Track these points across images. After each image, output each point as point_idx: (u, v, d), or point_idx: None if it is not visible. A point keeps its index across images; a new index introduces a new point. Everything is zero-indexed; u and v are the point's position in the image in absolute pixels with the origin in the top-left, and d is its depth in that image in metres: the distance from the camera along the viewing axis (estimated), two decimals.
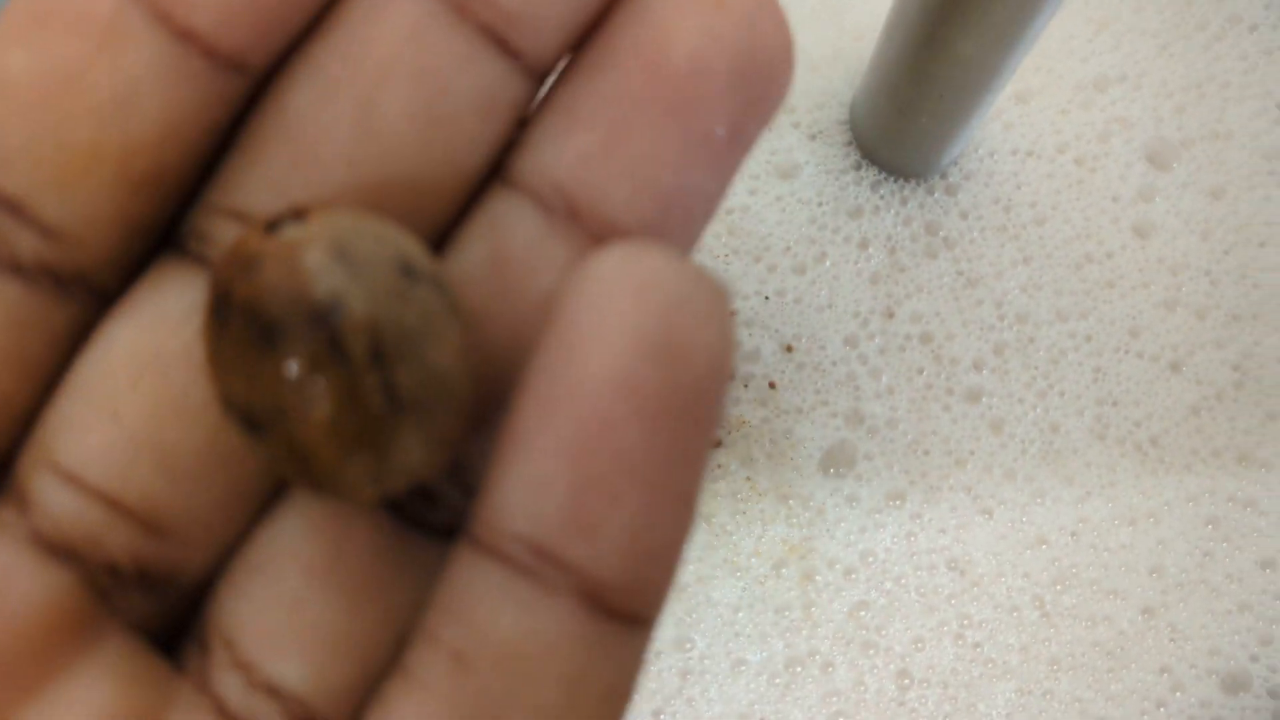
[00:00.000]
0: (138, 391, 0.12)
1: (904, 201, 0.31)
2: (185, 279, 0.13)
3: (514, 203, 0.13)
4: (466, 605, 0.12)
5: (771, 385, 0.31)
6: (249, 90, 0.12)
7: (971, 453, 0.30)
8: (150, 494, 0.12)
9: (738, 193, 0.32)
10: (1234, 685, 0.30)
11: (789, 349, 0.31)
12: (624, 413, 0.11)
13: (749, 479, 0.30)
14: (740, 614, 0.30)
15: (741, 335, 0.31)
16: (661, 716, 0.30)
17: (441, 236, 0.13)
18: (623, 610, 0.11)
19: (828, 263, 0.31)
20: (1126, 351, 0.31)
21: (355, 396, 0.11)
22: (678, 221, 0.12)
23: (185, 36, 0.12)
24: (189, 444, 0.12)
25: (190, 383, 0.12)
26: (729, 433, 0.31)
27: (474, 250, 0.13)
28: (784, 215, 0.31)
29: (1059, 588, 0.30)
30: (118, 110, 0.12)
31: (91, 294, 0.13)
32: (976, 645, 0.30)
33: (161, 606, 0.13)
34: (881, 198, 0.31)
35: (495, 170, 0.13)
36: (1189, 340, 0.31)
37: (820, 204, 0.31)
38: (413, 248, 0.12)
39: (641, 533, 0.11)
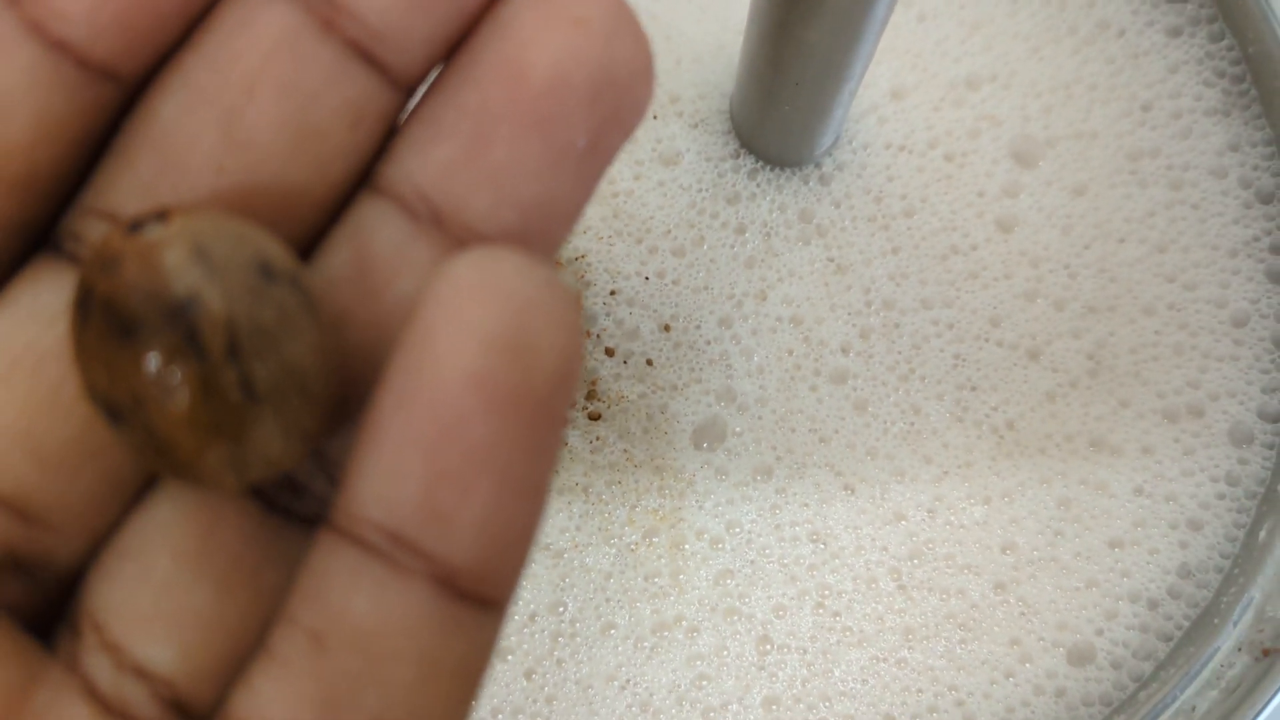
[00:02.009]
0: (10, 385, 0.13)
1: (779, 189, 0.33)
2: (59, 277, 0.13)
3: (380, 209, 0.13)
4: (325, 588, 0.12)
5: (649, 362, 0.32)
6: (121, 97, 0.13)
7: (836, 431, 0.32)
8: (23, 484, 0.13)
9: (622, 177, 0.33)
10: (1079, 658, 0.31)
11: (667, 328, 0.32)
12: (475, 407, 0.11)
13: (625, 451, 0.32)
14: (611, 580, 0.31)
15: (622, 314, 0.32)
16: (533, 676, 0.31)
17: (311, 241, 0.14)
18: (475, 594, 0.12)
19: (705, 246, 0.32)
20: (987, 339, 0.32)
21: (212, 388, 0.11)
22: (538, 228, 0.13)
23: (58, 46, 0.12)
24: (61, 435, 0.13)
25: (62, 377, 0.13)
26: (608, 406, 0.32)
27: (341, 253, 0.13)
28: (665, 200, 0.33)
29: (915, 562, 0.31)
30: None
31: None
32: (835, 614, 0.31)
33: (35, 592, 0.13)
34: (758, 185, 0.33)
35: (365, 177, 0.13)
36: (1047, 330, 0.33)
37: (700, 190, 0.33)
38: (272, 248, 0.12)
39: (492, 521, 0.12)
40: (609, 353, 0.32)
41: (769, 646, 0.31)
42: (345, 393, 0.13)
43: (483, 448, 0.11)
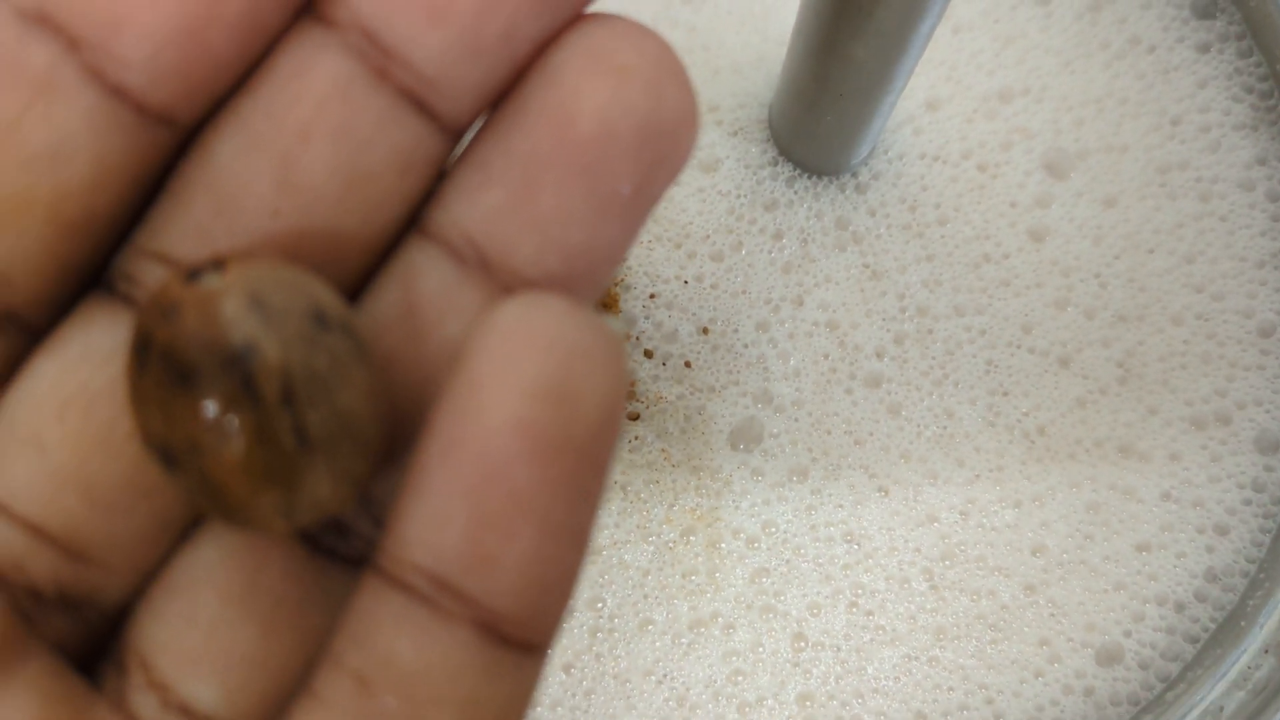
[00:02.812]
0: (63, 424, 0.13)
1: (816, 197, 0.33)
2: (112, 318, 0.13)
3: (428, 252, 0.13)
4: (370, 632, 0.13)
5: (688, 364, 0.33)
6: (177, 141, 0.13)
7: (870, 434, 0.33)
8: (73, 522, 0.13)
9: None
10: (1107, 658, 0.32)
11: (705, 331, 0.33)
12: (519, 454, 0.11)
13: (663, 451, 0.33)
14: (649, 577, 0.32)
15: (661, 317, 0.33)
16: (572, 670, 0.31)
17: (360, 283, 0.14)
18: (516, 639, 0.12)
19: (743, 251, 0.33)
20: (1018, 346, 0.33)
21: (267, 435, 0.12)
22: (582, 273, 0.13)
23: (116, 92, 0.12)
24: (112, 475, 0.13)
25: (114, 417, 0.13)
26: (647, 407, 0.33)
27: (389, 296, 0.13)
28: (704, 206, 0.33)
29: (947, 563, 0.32)
30: (50, 160, 0.12)
31: (22, 331, 0.13)
32: (868, 613, 0.32)
33: (83, 629, 0.14)
34: (796, 193, 0.33)
35: (413, 220, 0.14)
36: (1077, 338, 0.33)
37: (739, 196, 0.33)
38: (326, 296, 0.12)
39: (535, 567, 0.12)
40: (648, 354, 0.33)
41: (803, 644, 0.32)
42: (392, 434, 0.13)
43: (526, 494, 0.12)
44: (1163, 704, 0.31)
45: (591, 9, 0.13)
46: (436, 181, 0.14)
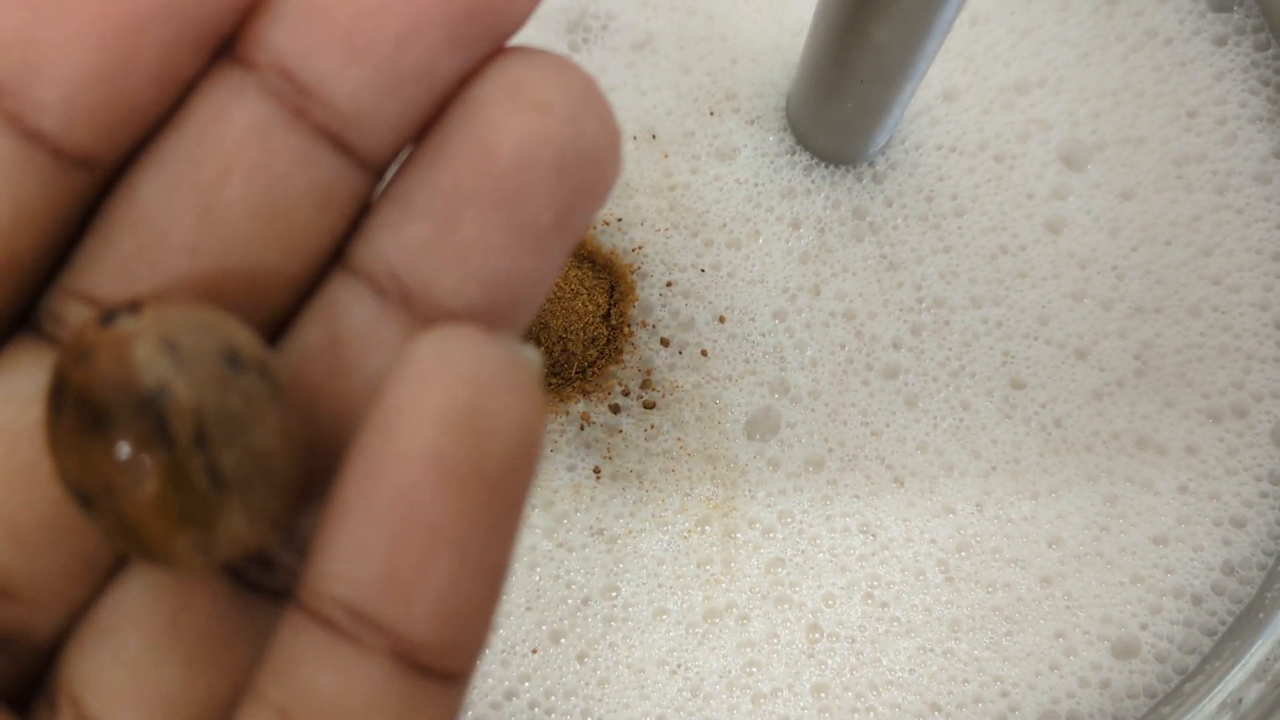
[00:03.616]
0: None
1: (834, 186, 0.33)
2: (38, 358, 0.13)
3: (351, 287, 0.13)
4: (291, 665, 0.13)
5: (704, 353, 0.33)
6: (98, 183, 0.13)
7: (887, 425, 0.32)
8: (1, 561, 0.13)
9: (680, 171, 0.34)
10: (1124, 651, 0.32)
11: (721, 320, 0.33)
12: (433, 484, 0.12)
13: (679, 440, 0.32)
14: (664, 566, 0.32)
15: (678, 305, 0.33)
16: (586, 659, 0.31)
17: (284, 319, 0.14)
18: (436, 668, 0.13)
19: (761, 240, 0.33)
20: (1035, 338, 0.33)
21: (180, 476, 0.12)
22: (505, 304, 0.13)
23: (33, 137, 0.12)
24: (36, 513, 0.13)
25: (37, 456, 0.13)
26: (663, 395, 0.33)
27: (313, 332, 0.14)
28: (722, 194, 0.33)
29: (963, 554, 0.32)
30: None
31: None
32: (884, 604, 0.32)
33: (13, 665, 0.14)
34: (813, 182, 0.33)
35: (337, 256, 0.14)
36: (1094, 330, 0.33)
37: (756, 185, 0.33)
38: (241, 336, 0.13)
39: (452, 596, 0.12)
40: (664, 343, 0.33)
41: (818, 635, 0.31)
42: (316, 469, 0.13)
43: (441, 524, 0.12)
44: (1180, 696, 0.31)
45: None
46: (359, 216, 0.14)
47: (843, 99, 0.30)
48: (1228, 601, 0.32)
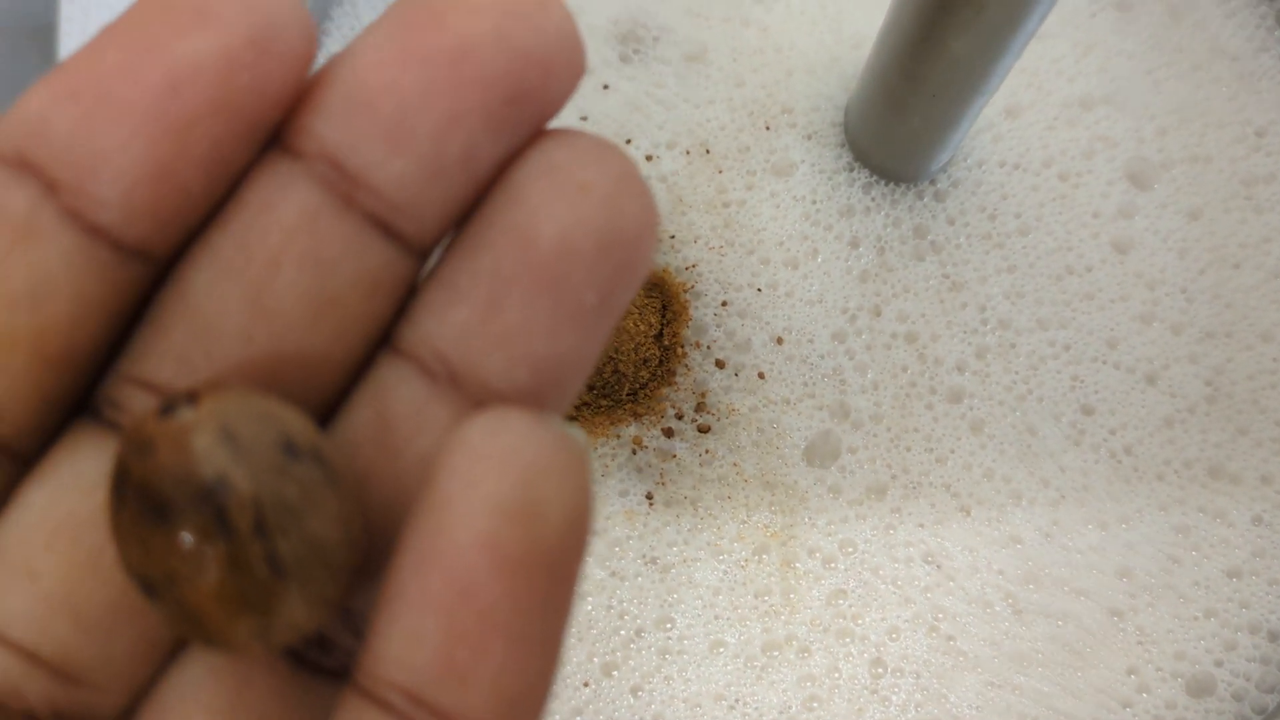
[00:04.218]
0: (52, 552, 0.14)
1: (894, 204, 0.32)
2: (98, 445, 0.14)
3: (400, 370, 0.14)
4: None
5: (761, 375, 0.32)
6: (154, 273, 0.14)
7: (952, 451, 0.31)
8: (66, 647, 0.14)
9: (735, 187, 0.32)
10: (1199, 689, 0.30)
11: (779, 341, 0.32)
12: (488, 571, 0.12)
13: (735, 465, 0.31)
14: (720, 596, 0.31)
15: (734, 326, 0.32)
16: (640, 693, 0.30)
17: (334, 401, 0.14)
18: None
19: (819, 259, 0.32)
20: (1104, 362, 0.32)
21: (240, 565, 0.12)
22: (550, 383, 0.13)
23: (94, 232, 0.13)
24: (100, 599, 0.14)
25: (101, 543, 0.14)
26: (718, 419, 0.31)
27: (363, 414, 0.14)
28: (778, 211, 0.32)
29: (1030, 586, 0.31)
30: (31, 299, 0.13)
31: (11, 460, 0.14)
32: (949, 638, 0.30)
33: None
34: (873, 199, 0.32)
35: (384, 338, 0.14)
36: (1164, 354, 0.32)
37: (814, 202, 0.32)
38: (296, 424, 0.13)
39: (508, 679, 0.12)
40: (719, 365, 0.32)
41: (882, 669, 0.30)
42: (370, 549, 0.14)
43: (496, 609, 0.12)
44: None
45: None
46: (406, 299, 0.14)
47: (909, 114, 0.29)
48: None
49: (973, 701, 0.30)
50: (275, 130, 0.13)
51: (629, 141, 0.33)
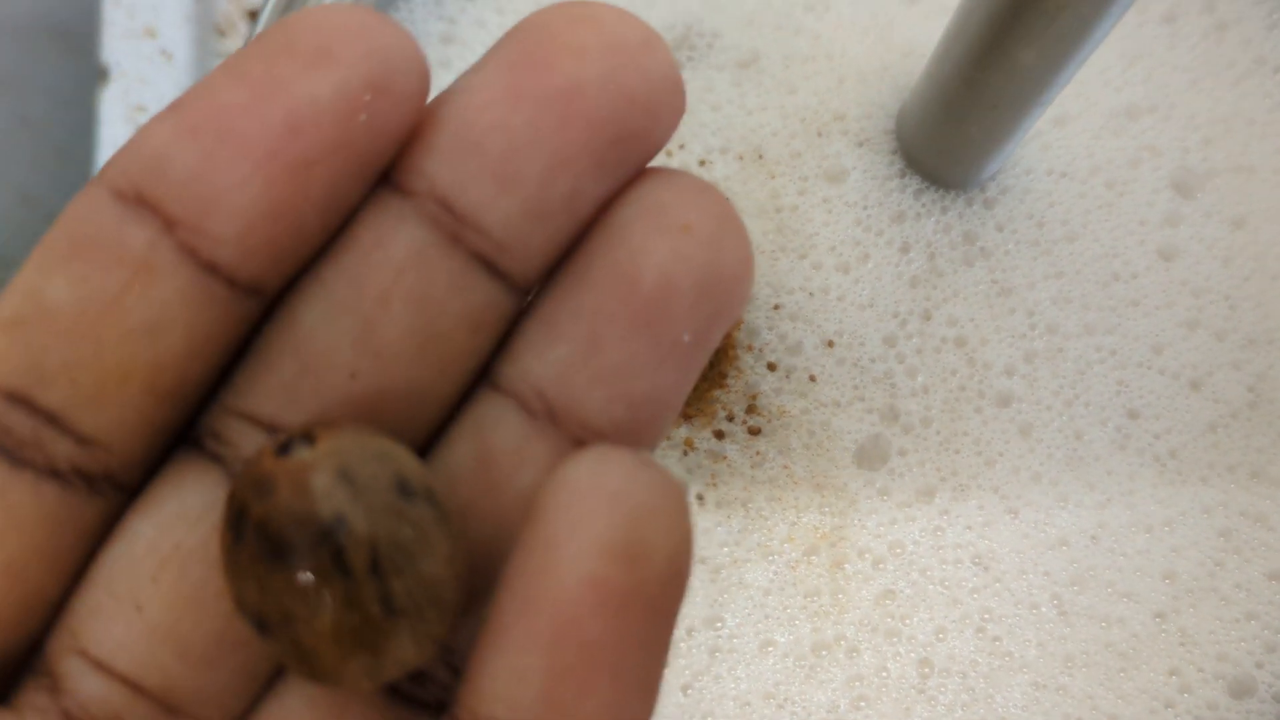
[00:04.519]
0: (158, 584, 0.14)
1: (944, 210, 0.33)
2: (202, 477, 0.14)
3: (499, 405, 0.14)
4: None
5: (812, 378, 0.32)
6: (264, 308, 0.14)
7: (1000, 454, 0.32)
8: (168, 678, 0.14)
9: (787, 192, 0.33)
10: (1240, 690, 0.31)
11: (830, 344, 0.32)
12: (593, 611, 0.12)
13: (786, 467, 0.32)
14: (770, 597, 0.31)
15: (785, 329, 0.32)
16: (690, 691, 0.30)
17: (434, 436, 0.14)
18: None
19: (870, 264, 0.32)
20: (1149, 367, 0.32)
21: (355, 604, 0.12)
22: (647, 420, 0.14)
23: (209, 268, 0.13)
24: (204, 632, 0.14)
25: (206, 575, 0.14)
26: (769, 421, 0.32)
27: (463, 449, 0.14)
28: (830, 217, 0.33)
29: (1076, 588, 0.31)
30: (147, 335, 0.13)
31: (117, 491, 0.14)
32: (996, 639, 0.31)
33: None
34: (923, 205, 0.33)
35: (484, 374, 0.14)
36: (1208, 360, 0.33)
37: (865, 208, 0.33)
38: (409, 464, 0.13)
39: (610, 716, 0.12)
40: (771, 367, 0.32)
41: (929, 670, 0.31)
42: (471, 583, 0.14)
43: (600, 648, 0.12)
44: None
45: None
46: (506, 336, 0.14)
47: (967, 123, 0.29)
48: None
49: (1019, 702, 0.30)
50: (387, 169, 0.14)
51: (682, 146, 0.33)
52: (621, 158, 0.13)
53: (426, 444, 0.14)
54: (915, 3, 0.34)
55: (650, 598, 0.12)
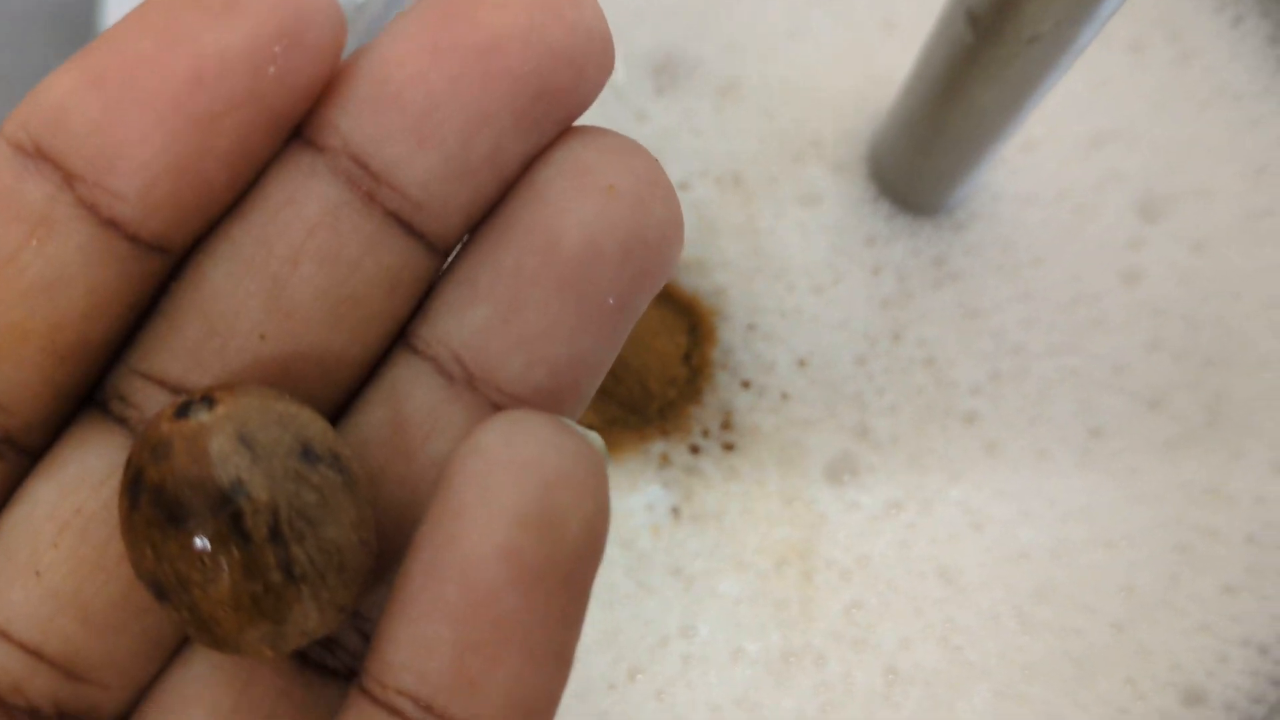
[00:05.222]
0: (59, 549, 0.13)
1: (915, 235, 0.34)
2: (106, 439, 0.14)
3: (416, 369, 0.14)
4: None
5: (784, 396, 0.33)
6: (170, 266, 0.13)
7: (965, 471, 0.33)
8: (70, 643, 0.13)
9: (764, 215, 0.34)
10: (1192, 699, 0.32)
11: (803, 363, 0.33)
12: (504, 580, 0.12)
13: (759, 482, 0.33)
14: (742, 607, 0.32)
15: (760, 348, 0.33)
16: (663, 697, 0.32)
17: (348, 399, 0.14)
18: None
19: (842, 286, 0.34)
20: (1110, 387, 0.34)
21: (254, 571, 0.12)
22: (568, 385, 0.13)
23: (110, 224, 0.13)
24: (106, 596, 0.13)
25: (108, 540, 0.13)
26: (743, 438, 0.33)
27: (377, 413, 0.14)
28: (805, 240, 0.34)
29: (1038, 600, 0.32)
30: (46, 292, 0.13)
31: (18, 453, 0.14)
32: (959, 649, 0.32)
33: None
34: (895, 230, 0.34)
35: (401, 336, 0.14)
36: (1167, 380, 0.34)
37: (839, 231, 0.34)
38: (314, 428, 0.13)
39: (519, 690, 0.12)
40: (745, 385, 0.33)
41: (894, 677, 0.32)
42: (380, 550, 0.13)
43: (511, 620, 0.12)
44: None
45: (705, 26, 0.13)
46: (424, 297, 0.14)
47: (934, 155, 0.30)
48: None
49: (980, 710, 0.32)
50: (299, 123, 0.13)
51: None
52: (545, 114, 0.13)
53: (341, 408, 0.14)
54: (893, 32, 0.35)
55: (564, 568, 0.12)
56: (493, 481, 0.12)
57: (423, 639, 0.12)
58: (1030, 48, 0.24)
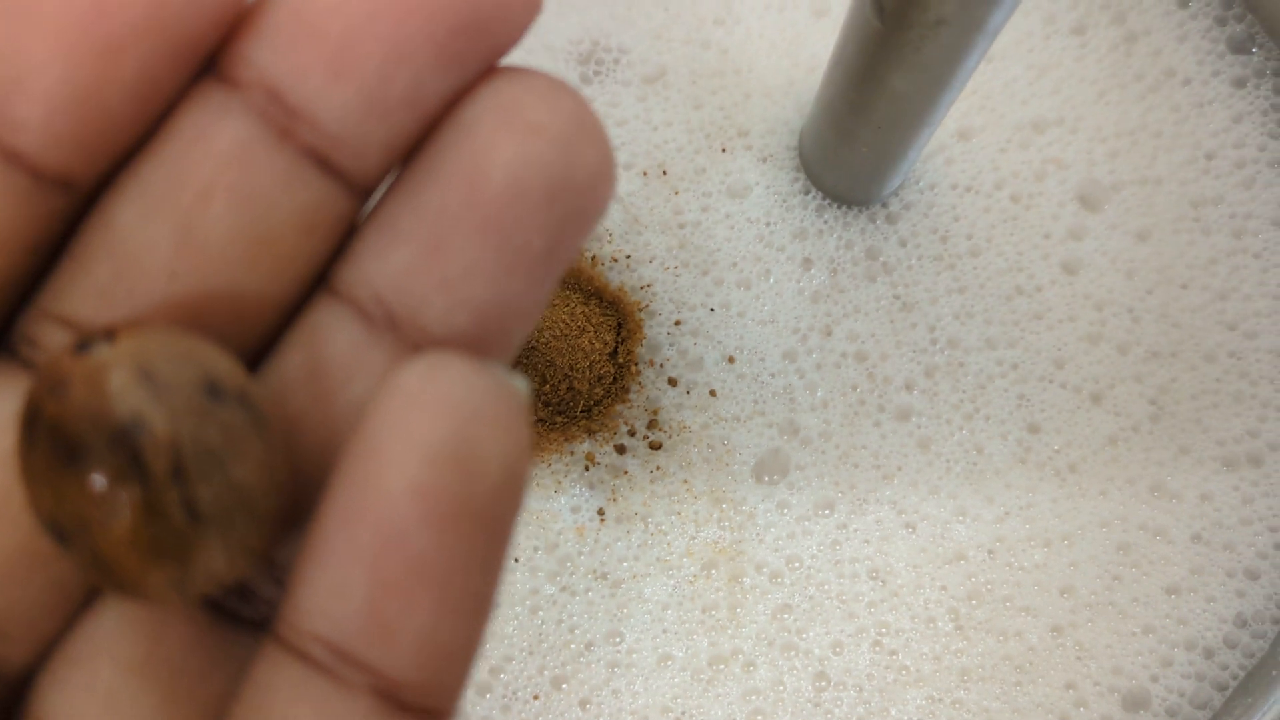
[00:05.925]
0: None
1: (846, 226, 0.33)
2: (11, 382, 0.13)
3: (336, 312, 0.13)
4: (268, 701, 0.12)
5: (712, 393, 0.32)
6: (77, 204, 0.13)
7: (899, 468, 0.32)
8: None
9: (690, 208, 0.33)
10: (1134, 703, 0.31)
11: (731, 360, 0.32)
12: (418, 521, 0.11)
13: (685, 482, 0.32)
14: (669, 611, 0.31)
15: (686, 344, 0.32)
16: (588, 706, 0.31)
17: (267, 344, 0.13)
18: (418, 706, 0.12)
19: (771, 280, 0.33)
20: (1051, 381, 0.33)
21: (156, 511, 0.12)
22: (494, 330, 0.13)
23: (10, 158, 0.12)
24: (10, 546, 0.13)
25: (11, 487, 0.13)
26: (669, 436, 0.32)
27: (295, 357, 0.13)
28: (732, 233, 0.33)
29: (974, 602, 0.31)
30: None
31: None
32: (892, 653, 0.31)
33: None
34: (825, 222, 0.33)
35: (321, 279, 0.13)
36: (1110, 374, 0.33)
37: (768, 224, 0.33)
38: (221, 365, 0.12)
39: (436, 635, 0.12)
40: (672, 382, 0.32)
41: (825, 683, 0.31)
42: (297, 498, 0.13)
43: (425, 561, 0.11)
44: None
45: (632, 12, 0.12)
46: (344, 239, 0.13)
47: (857, 143, 0.29)
48: (1240, 655, 0.31)
49: (914, 716, 0.31)
50: (210, 57, 0.13)
51: None
52: (467, 50, 0.12)
53: (260, 352, 0.14)
54: (823, 17, 0.34)
55: (481, 509, 0.12)
56: (408, 419, 0.11)
57: (335, 583, 0.12)
58: (938, 30, 0.23)
